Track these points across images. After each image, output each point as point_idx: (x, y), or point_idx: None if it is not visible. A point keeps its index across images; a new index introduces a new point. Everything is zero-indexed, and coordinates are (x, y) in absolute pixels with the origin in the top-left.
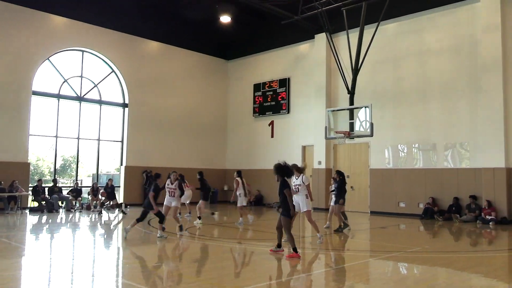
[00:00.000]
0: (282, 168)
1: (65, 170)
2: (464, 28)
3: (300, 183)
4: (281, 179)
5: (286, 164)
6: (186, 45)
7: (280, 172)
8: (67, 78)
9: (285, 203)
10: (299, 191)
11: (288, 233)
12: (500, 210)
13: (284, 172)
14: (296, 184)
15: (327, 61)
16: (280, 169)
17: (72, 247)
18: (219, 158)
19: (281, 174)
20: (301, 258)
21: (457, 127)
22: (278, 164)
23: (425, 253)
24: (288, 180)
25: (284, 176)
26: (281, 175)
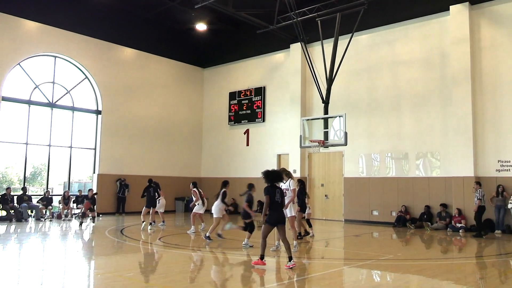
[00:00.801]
0: (270, 173)
1: (35, 178)
2: (434, 40)
3: (288, 187)
4: (268, 185)
5: (275, 170)
6: (162, 53)
7: (268, 178)
8: (39, 84)
9: (272, 211)
10: (286, 195)
11: (263, 239)
12: (470, 218)
13: (273, 177)
14: (284, 188)
15: (302, 71)
16: (268, 174)
17: (41, 258)
18: (194, 166)
19: (269, 180)
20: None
21: (428, 137)
22: (266, 170)
23: (398, 261)
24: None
25: (272, 182)
26: (269, 181)
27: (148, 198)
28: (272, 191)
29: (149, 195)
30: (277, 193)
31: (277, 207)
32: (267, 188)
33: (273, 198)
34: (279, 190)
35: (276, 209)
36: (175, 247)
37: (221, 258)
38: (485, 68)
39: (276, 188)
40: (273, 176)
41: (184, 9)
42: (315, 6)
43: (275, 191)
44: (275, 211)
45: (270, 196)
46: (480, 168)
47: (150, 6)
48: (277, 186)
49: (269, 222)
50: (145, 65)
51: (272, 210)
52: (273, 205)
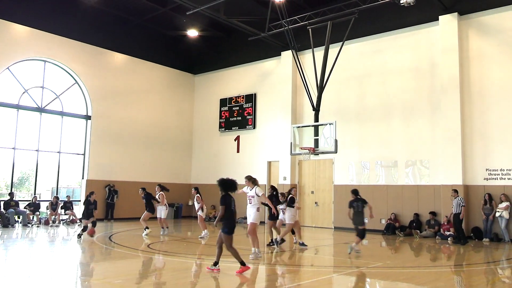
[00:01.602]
0: (224, 182)
1: (23, 183)
2: (424, 49)
3: (253, 195)
4: (223, 194)
5: (229, 178)
6: (153, 58)
7: (223, 187)
8: (28, 88)
9: (226, 219)
10: (251, 202)
11: (231, 249)
12: None
13: (227, 186)
14: (249, 195)
15: (293, 78)
16: (223, 183)
17: (27, 265)
18: (184, 172)
19: (224, 188)
20: (250, 268)
21: (418, 145)
22: (221, 179)
23: (387, 269)
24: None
25: (227, 190)
26: (225, 189)
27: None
28: (229, 200)
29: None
30: (233, 202)
31: (233, 216)
32: (224, 197)
33: (229, 207)
34: (233, 200)
35: (232, 218)
36: (164, 254)
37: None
38: (473, 78)
39: (232, 198)
40: (228, 185)
41: (175, 15)
42: (306, 14)
43: (231, 200)
44: (232, 220)
45: (226, 205)
46: (468, 176)
47: (142, 11)
48: (230, 195)
49: (229, 232)
50: (136, 71)
51: (230, 219)
52: (230, 214)
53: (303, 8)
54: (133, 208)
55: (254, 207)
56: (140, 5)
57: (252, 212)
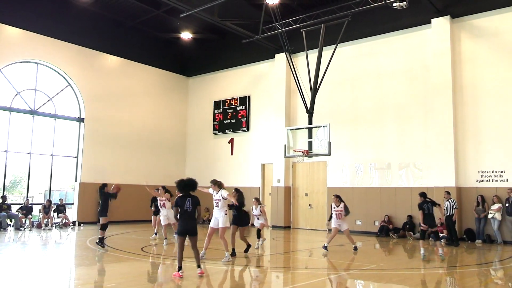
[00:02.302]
0: (181, 182)
1: (15, 186)
2: (416, 52)
3: (220, 198)
4: (179, 195)
5: (187, 178)
6: (146, 61)
7: (179, 187)
8: (20, 90)
9: (180, 220)
10: (218, 206)
11: (179, 250)
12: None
13: (184, 186)
14: (216, 199)
15: (287, 80)
16: (179, 183)
17: (20, 268)
18: (178, 174)
19: (181, 189)
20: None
21: (411, 147)
22: (179, 179)
23: (381, 271)
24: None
25: (184, 191)
26: (181, 190)
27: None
28: (182, 201)
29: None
30: (187, 202)
31: (187, 217)
32: (178, 198)
33: (182, 208)
34: (190, 199)
35: (185, 219)
36: (158, 257)
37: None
38: (465, 80)
39: (187, 198)
40: (184, 185)
41: (169, 18)
42: (299, 17)
43: (185, 201)
44: (184, 221)
45: (179, 206)
46: (461, 178)
47: (135, 14)
48: (188, 196)
49: (178, 232)
50: (130, 73)
51: (181, 220)
52: (183, 215)
53: (297, 11)
54: (126, 211)
55: (222, 210)
56: (133, 8)
57: (220, 216)
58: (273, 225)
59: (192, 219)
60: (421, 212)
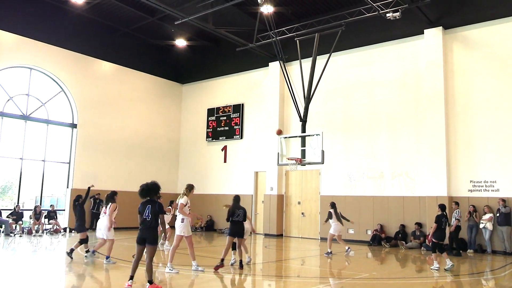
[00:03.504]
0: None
1: (6, 192)
2: (409, 62)
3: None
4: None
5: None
6: (140, 67)
7: (141, 192)
8: (13, 95)
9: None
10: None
11: (135, 259)
12: None
13: (146, 192)
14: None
15: (281, 89)
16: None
17: (10, 275)
18: (171, 182)
19: (142, 194)
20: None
21: (403, 157)
22: (144, 184)
23: (373, 280)
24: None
25: (145, 196)
26: (142, 195)
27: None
28: (143, 208)
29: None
30: (147, 210)
31: (146, 226)
32: (141, 204)
33: (142, 216)
34: (150, 207)
35: (144, 228)
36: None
37: (193, 276)
38: (457, 91)
39: (148, 204)
40: (146, 190)
41: (163, 25)
42: (294, 26)
43: (145, 208)
44: (142, 230)
45: (140, 214)
46: (453, 188)
47: (130, 20)
48: (150, 201)
49: (137, 241)
50: (123, 80)
51: (140, 228)
52: (142, 223)
53: (291, 20)
54: (118, 218)
55: (179, 217)
56: (128, 14)
57: (177, 223)
58: (266, 233)
59: (151, 228)
60: (436, 225)
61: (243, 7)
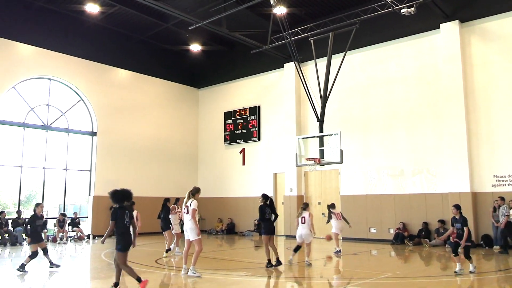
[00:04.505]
0: (116, 193)
1: (30, 201)
2: (426, 58)
3: (188, 206)
4: (115, 206)
5: (122, 189)
6: (157, 74)
7: (114, 198)
8: (34, 106)
9: (119, 235)
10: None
11: (125, 267)
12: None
13: (120, 197)
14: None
15: (297, 89)
16: (114, 194)
17: (36, 282)
18: (190, 186)
19: (116, 200)
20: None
21: (424, 153)
22: (113, 190)
23: (397, 279)
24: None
25: (120, 202)
26: (116, 201)
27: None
28: (121, 213)
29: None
30: (126, 216)
31: (128, 231)
32: (115, 210)
33: (122, 221)
34: (128, 213)
35: (127, 233)
36: (170, 269)
37: (211, 279)
38: (477, 85)
39: (126, 210)
40: (120, 196)
41: (178, 31)
42: (307, 26)
43: (124, 214)
44: (127, 235)
45: (118, 219)
46: (476, 183)
47: (145, 28)
48: (125, 208)
49: (123, 249)
50: (140, 86)
51: (124, 234)
52: (123, 228)
53: (305, 20)
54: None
55: (191, 222)
56: (142, 22)
57: (190, 227)
58: (287, 234)
59: (130, 232)
60: (452, 228)
61: (256, 9)
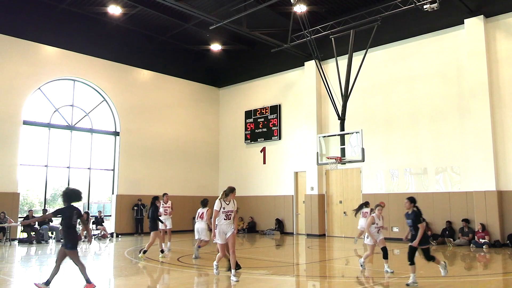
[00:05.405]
0: (66, 192)
1: (56, 200)
2: (450, 54)
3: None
4: (64, 206)
5: (73, 188)
6: (178, 74)
7: (65, 197)
8: (58, 107)
9: (69, 233)
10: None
11: (79, 264)
12: (493, 233)
13: (71, 197)
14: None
15: (317, 88)
16: (65, 194)
17: (62, 279)
18: (212, 185)
19: (66, 199)
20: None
21: (447, 151)
22: (65, 188)
23: (421, 279)
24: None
25: (70, 201)
26: (67, 200)
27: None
28: (70, 212)
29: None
30: (74, 215)
31: (75, 230)
32: (63, 209)
33: (70, 221)
34: (77, 212)
35: (75, 232)
36: (190, 267)
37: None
38: (502, 81)
39: (74, 210)
40: (70, 195)
41: (199, 31)
42: (328, 24)
43: (73, 213)
44: (74, 233)
45: (67, 218)
46: (502, 181)
47: (166, 28)
48: (74, 208)
49: (72, 247)
50: (162, 86)
51: (73, 233)
52: (71, 228)
53: (325, 18)
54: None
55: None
56: (164, 22)
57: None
58: (308, 233)
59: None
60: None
61: (276, 7)
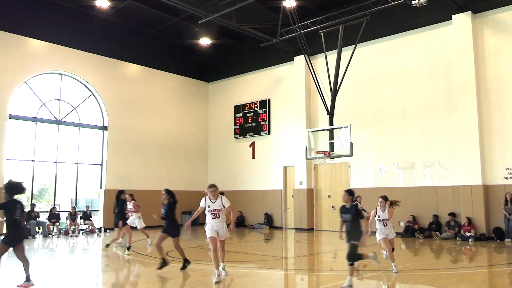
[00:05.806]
0: (9, 185)
1: (43, 194)
2: (438, 50)
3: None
4: (8, 199)
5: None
6: (166, 68)
7: (7, 190)
8: (45, 101)
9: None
10: (219, 216)
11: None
12: (479, 227)
13: (13, 190)
14: (214, 208)
15: (307, 83)
16: (7, 187)
17: (49, 274)
18: (201, 179)
19: (9, 192)
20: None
21: (435, 146)
22: (8, 181)
23: (407, 271)
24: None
25: (12, 195)
26: (9, 194)
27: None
28: (12, 206)
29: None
30: (18, 210)
31: (18, 225)
32: (5, 203)
33: (13, 215)
34: (20, 206)
35: (17, 227)
36: (179, 260)
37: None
38: (489, 76)
39: (17, 204)
40: (13, 188)
41: (187, 25)
42: (317, 19)
43: (16, 207)
44: (16, 229)
45: (10, 212)
46: (487, 176)
47: (154, 22)
48: (17, 202)
49: (8, 243)
50: (150, 81)
51: (13, 228)
52: (14, 223)
53: (315, 13)
54: (151, 217)
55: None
56: (152, 16)
57: (224, 227)
58: (296, 227)
59: (21, 227)
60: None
61: (265, 2)
